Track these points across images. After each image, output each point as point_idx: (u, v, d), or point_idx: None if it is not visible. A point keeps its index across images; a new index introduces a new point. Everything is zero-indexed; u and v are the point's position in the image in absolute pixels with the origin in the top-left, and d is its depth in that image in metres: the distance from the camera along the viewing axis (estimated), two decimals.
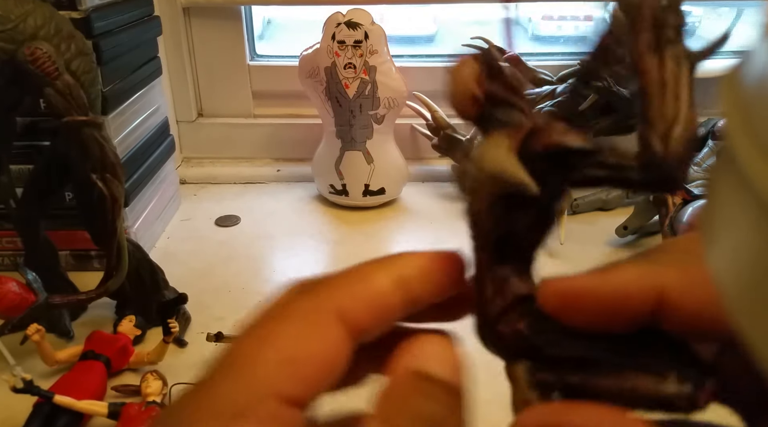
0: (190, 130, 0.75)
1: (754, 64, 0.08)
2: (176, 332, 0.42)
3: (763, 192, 0.07)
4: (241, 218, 0.65)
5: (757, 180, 0.07)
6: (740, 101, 0.08)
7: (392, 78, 0.63)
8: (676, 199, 0.50)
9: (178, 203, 0.67)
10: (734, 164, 0.08)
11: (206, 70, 0.73)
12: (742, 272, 0.08)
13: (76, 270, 0.53)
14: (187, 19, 0.71)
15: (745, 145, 0.08)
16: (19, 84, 0.38)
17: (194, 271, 0.55)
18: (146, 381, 0.39)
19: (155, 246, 0.59)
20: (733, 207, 0.08)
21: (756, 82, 0.08)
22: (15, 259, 0.53)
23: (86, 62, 0.40)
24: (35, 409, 0.37)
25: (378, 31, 0.61)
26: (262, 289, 0.53)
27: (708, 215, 0.09)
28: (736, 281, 0.08)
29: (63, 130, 0.39)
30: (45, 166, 0.45)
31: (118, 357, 0.42)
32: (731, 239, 0.08)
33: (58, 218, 0.50)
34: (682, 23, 0.13)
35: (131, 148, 0.54)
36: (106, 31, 0.48)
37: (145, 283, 0.47)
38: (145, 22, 0.57)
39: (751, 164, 0.07)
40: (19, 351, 0.40)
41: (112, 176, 0.41)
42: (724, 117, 0.08)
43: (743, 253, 0.08)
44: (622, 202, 0.64)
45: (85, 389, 0.39)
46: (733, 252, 0.08)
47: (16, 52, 0.36)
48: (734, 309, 0.08)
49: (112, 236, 0.42)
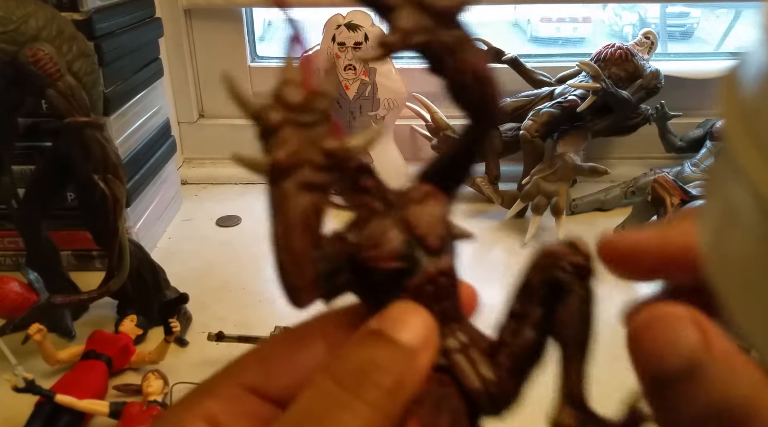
0: (191, 131, 0.75)
1: (752, 65, 0.08)
2: (177, 331, 0.42)
3: (763, 191, 0.07)
4: (242, 218, 0.65)
5: (756, 180, 0.07)
6: (739, 102, 0.08)
7: (392, 79, 0.63)
8: (675, 200, 0.50)
9: (179, 204, 0.67)
10: (733, 164, 0.08)
11: (207, 71, 0.74)
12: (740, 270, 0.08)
13: (77, 270, 0.53)
14: (188, 20, 0.71)
15: (744, 146, 0.08)
16: (21, 85, 0.38)
17: (195, 271, 0.55)
18: (147, 381, 0.39)
19: (156, 246, 0.59)
20: (732, 207, 0.08)
21: (754, 83, 0.08)
22: (17, 259, 0.53)
23: (88, 63, 0.40)
24: (37, 408, 0.37)
25: (378, 32, 0.62)
26: (262, 289, 0.53)
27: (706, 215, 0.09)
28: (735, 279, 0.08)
29: (65, 131, 0.39)
30: (47, 167, 0.45)
31: (120, 357, 0.42)
32: (730, 239, 0.08)
33: (60, 218, 0.50)
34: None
35: (133, 149, 0.54)
36: (108, 32, 0.48)
37: (146, 283, 0.47)
38: (147, 23, 0.57)
39: (750, 164, 0.07)
40: (20, 351, 0.40)
41: (113, 177, 0.41)
42: (723, 118, 0.08)
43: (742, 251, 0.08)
44: (620, 202, 0.64)
45: (87, 389, 0.39)
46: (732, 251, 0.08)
47: (18, 53, 0.36)
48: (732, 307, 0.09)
49: (114, 236, 0.42)
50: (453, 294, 0.15)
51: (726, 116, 0.08)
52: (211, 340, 0.43)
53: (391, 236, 0.14)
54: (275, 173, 0.13)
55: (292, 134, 0.13)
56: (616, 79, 0.61)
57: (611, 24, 0.95)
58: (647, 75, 0.62)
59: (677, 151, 0.68)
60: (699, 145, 0.67)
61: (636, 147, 0.72)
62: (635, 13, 0.91)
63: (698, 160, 0.65)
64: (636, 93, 0.62)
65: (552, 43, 0.99)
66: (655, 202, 0.52)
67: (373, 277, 0.14)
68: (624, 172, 0.68)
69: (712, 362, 0.11)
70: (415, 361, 0.13)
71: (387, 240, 0.14)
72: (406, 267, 0.14)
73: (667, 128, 0.68)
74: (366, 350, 0.13)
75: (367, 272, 0.14)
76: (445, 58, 0.14)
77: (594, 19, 0.98)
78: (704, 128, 0.68)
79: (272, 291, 0.53)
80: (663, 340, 0.12)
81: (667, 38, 0.82)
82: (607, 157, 0.74)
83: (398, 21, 0.14)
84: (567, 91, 0.62)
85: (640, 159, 0.72)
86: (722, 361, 0.11)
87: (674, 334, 0.12)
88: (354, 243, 0.14)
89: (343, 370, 0.13)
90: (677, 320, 0.12)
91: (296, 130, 0.13)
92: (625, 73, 0.61)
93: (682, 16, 0.89)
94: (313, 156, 0.13)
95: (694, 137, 0.68)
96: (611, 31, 0.95)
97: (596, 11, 0.99)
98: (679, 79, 0.68)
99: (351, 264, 0.14)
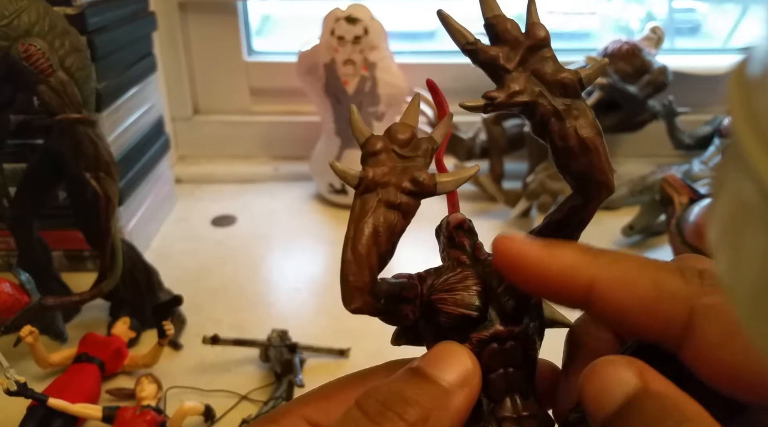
0: (185, 127, 0.74)
1: (760, 60, 0.08)
2: (171, 334, 0.41)
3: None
4: (238, 218, 0.64)
5: (764, 177, 0.07)
6: (747, 98, 0.08)
7: (393, 74, 0.62)
8: (683, 199, 0.49)
9: (173, 203, 0.66)
10: (741, 162, 0.08)
11: (202, 66, 0.73)
12: (750, 271, 0.08)
13: (69, 271, 0.52)
14: (182, 14, 0.70)
15: (753, 143, 0.08)
16: (13, 81, 0.38)
17: (190, 272, 0.54)
18: (141, 385, 0.39)
19: (150, 246, 0.58)
20: (741, 205, 0.08)
21: (762, 79, 0.08)
22: (8, 259, 0.52)
23: (80, 59, 0.39)
24: (29, 412, 0.36)
25: (378, 26, 0.60)
26: (259, 290, 0.52)
27: (715, 214, 0.09)
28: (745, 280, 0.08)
29: (56, 128, 0.38)
30: (38, 165, 0.44)
31: (113, 360, 0.42)
32: (739, 238, 0.08)
33: (51, 217, 0.49)
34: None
35: (125, 147, 0.53)
36: (101, 27, 0.48)
37: (139, 284, 0.46)
38: (140, 17, 0.57)
39: (759, 162, 0.07)
40: (12, 353, 0.39)
41: (106, 175, 0.40)
42: (730, 114, 0.08)
43: (752, 252, 0.08)
44: (627, 201, 0.63)
45: (79, 392, 0.38)
46: (742, 251, 0.08)
47: (10, 48, 0.36)
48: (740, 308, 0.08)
49: (106, 236, 0.41)
50: (524, 364, 0.15)
51: (733, 113, 0.08)
52: (206, 343, 0.42)
53: (468, 285, 0.15)
54: (362, 186, 0.14)
55: (389, 160, 0.15)
56: (623, 75, 0.60)
57: (617, 20, 0.95)
58: (654, 70, 0.61)
59: (685, 148, 0.67)
60: (707, 142, 0.65)
61: (643, 144, 0.71)
62: (642, 4, 0.90)
63: (707, 158, 0.63)
64: (643, 89, 0.60)
65: (557, 37, 0.98)
66: (664, 201, 0.51)
67: (440, 321, 0.15)
68: (631, 170, 0.67)
69: (647, 397, 0.12)
70: (446, 399, 0.13)
71: (463, 288, 0.15)
72: (474, 318, 0.15)
73: (675, 125, 0.66)
74: (398, 384, 0.14)
75: (435, 315, 0.15)
76: (550, 123, 0.15)
77: (600, 13, 0.98)
78: (712, 125, 0.67)
79: (269, 293, 0.52)
80: (602, 383, 0.13)
81: (675, 33, 0.81)
82: (614, 154, 0.73)
83: (509, 82, 0.15)
84: None
85: (648, 157, 0.71)
86: (657, 395, 0.12)
87: (611, 377, 0.13)
88: (431, 284, 0.15)
89: (371, 399, 0.14)
90: (614, 365, 0.13)
91: (394, 159, 0.15)
92: (632, 68, 0.60)
93: (689, 11, 0.88)
94: (401, 181, 0.15)
95: (703, 134, 0.66)
96: (617, 26, 0.94)
97: (602, 5, 0.99)
98: (686, 75, 0.67)
99: (423, 304, 0.15)
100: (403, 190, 0.14)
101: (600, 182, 0.15)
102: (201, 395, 0.40)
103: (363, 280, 0.14)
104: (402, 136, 0.15)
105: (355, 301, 0.14)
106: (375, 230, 0.14)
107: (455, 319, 0.15)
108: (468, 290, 0.15)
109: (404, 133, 0.15)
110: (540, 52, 0.15)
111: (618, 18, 0.95)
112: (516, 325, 0.15)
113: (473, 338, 0.15)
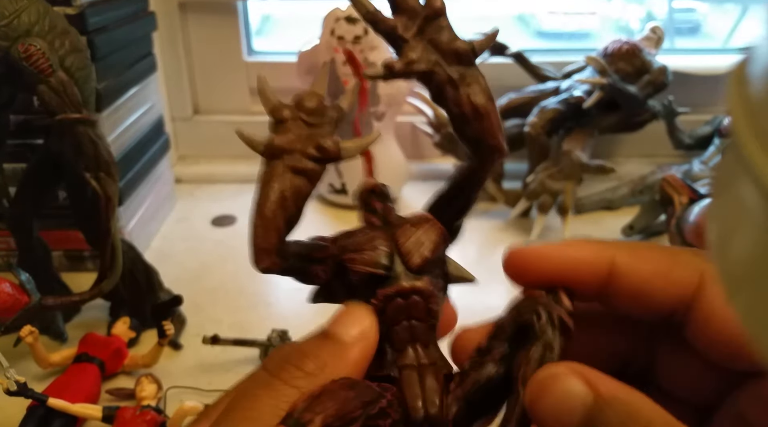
0: (185, 127, 0.74)
1: (760, 60, 0.08)
2: (171, 334, 0.41)
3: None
4: (238, 218, 0.64)
5: (764, 177, 0.07)
6: (747, 98, 0.08)
7: None
8: (683, 199, 0.49)
9: (173, 203, 0.66)
10: (741, 162, 0.08)
11: (202, 66, 0.73)
12: (749, 269, 0.08)
13: (69, 271, 0.52)
14: (182, 14, 0.70)
15: (753, 143, 0.08)
16: (13, 81, 0.38)
17: (190, 272, 0.54)
18: (141, 385, 0.39)
19: (150, 246, 0.58)
20: (740, 205, 0.08)
21: (762, 79, 0.08)
22: (8, 259, 0.52)
23: (80, 59, 0.39)
24: (29, 412, 0.36)
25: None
26: (259, 291, 0.52)
27: (715, 213, 0.09)
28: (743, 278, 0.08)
29: (56, 128, 0.38)
30: (38, 165, 0.44)
31: (113, 360, 0.42)
32: (739, 237, 0.08)
33: (51, 217, 0.49)
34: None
35: (125, 147, 0.53)
36: (101, 27, 0.48)
37: (139, 284, 0.46)
38: (140, 17, 0.57)
39: (759, 161, 0.07)
40: (12, 353, 0.39)
41: (106, 175, 0.40)
42: (731, 114, 0.08)
43: (749, 250, 0.08)
44: (627, 201, 0.63)
45: (79, 392, 0.38)
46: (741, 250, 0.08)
47: (10, 48, 0.36)
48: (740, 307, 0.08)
49: (106, 236, 0.41)
50: (427, 317, 0.16)
51: (733, 113, 0.08)
52: (206, 343, 0.42)
53: (376, 245, 0.16)
54: (269, 153, 0.15)
55: (296, 127, 0.15)
56: (623, 75, 0.60)
57: (617, 20, 0.95)
58: (654, 70, 0.61)
59: (685, 148, 0.67)
60: (707, 142, 0.65)
61: (643, 144, 0.71)
62: (642, 4, 0.89)
63: (707, 158, 0.63)
64: (643, 89, 0.60)
65: (557, 37, 0.98)
66: (664, 201, 0.51)
67: (351, 279, 0.16)
68: (631, 170, 0.67)
69: (605, 405, 0.12)
70: (344, 351, 0.15)
71: (370, 247, 0.16)
72: (381, 276, 0.15)
73: (675, 125, 0.66)
74: (302, 343, 0.15)
75: (345, 274, 0.16)
76: (445, 90, 0.15)
77: (600, 13, 0.98)
78: (712, 125, 0.67)
79: (269, 293, 0.52)
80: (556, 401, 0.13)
81: (674, 33, 0.81)
82: (614, 154, 0.73)
83: (406, 50, 0.15)
84: (573, 86, 0.60)
85: (648, 157, 0.71)
86: (614, 401, 0.12)
87: (563, 394, 0.13)
88: (342, 245, 0.16)
89: (273, 359, 0.15)
90: (560, 379, 0.13)
91: (301, 126, 0.15)
92: (632, 68, 0.60)
93: (689, 11, 0.88)
94: (306, 147, 0.15)
95: (703, 134, 0.66)
96: (617, 26, 0.94)
97: (602, 5, 0.98)
98: (686, 75, 0.67)
99: (335, 265, 0.16)
100: (308, 156, 0.15)
101: (492, 146, 0.16)
102: (201, 395, 0.40)
103: (270, 241, 0.15)
104: (309, 105, 0.16)
105: (263, 261, 0.15)
106: (281, 195, 0.15)
107: (364, 277, 0.15)
108: (375, 250, 0.16)
109: (311, 102, 0.16)
110: (436, 22, 0.15)
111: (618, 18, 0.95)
112: (419, 281, 0.16)
113: (379, 295, 0.15)
